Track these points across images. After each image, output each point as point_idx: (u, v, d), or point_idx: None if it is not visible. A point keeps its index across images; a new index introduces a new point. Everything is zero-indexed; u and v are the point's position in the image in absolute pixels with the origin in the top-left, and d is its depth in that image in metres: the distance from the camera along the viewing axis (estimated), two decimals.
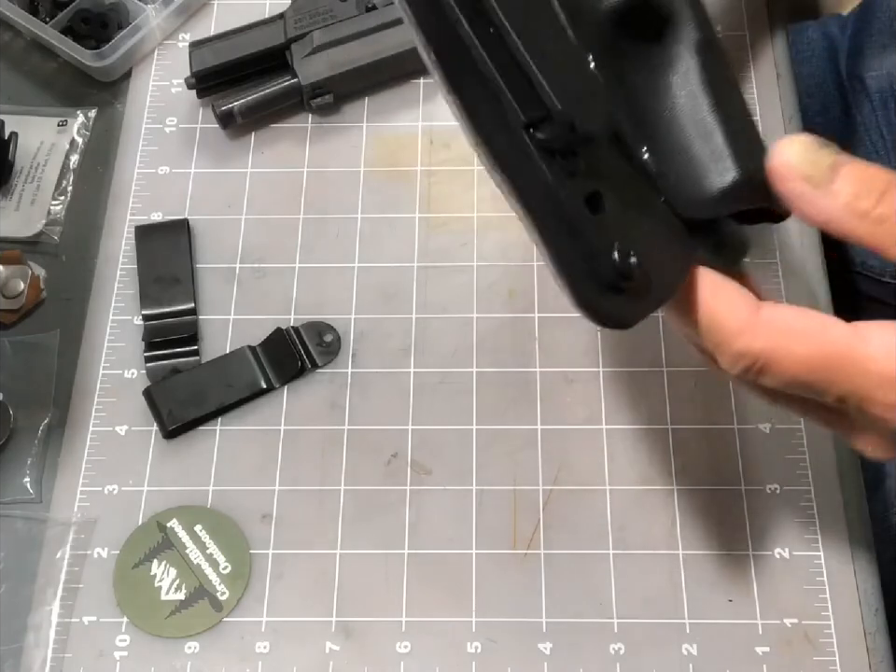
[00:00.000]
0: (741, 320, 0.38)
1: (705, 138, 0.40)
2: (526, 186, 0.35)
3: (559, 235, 0.34)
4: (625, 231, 0.36)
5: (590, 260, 0.35)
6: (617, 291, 0.35)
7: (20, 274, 0.60)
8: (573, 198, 0.35)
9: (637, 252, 0.35)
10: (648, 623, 0.51)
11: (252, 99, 0.64)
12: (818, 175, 0.37)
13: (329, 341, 0.58)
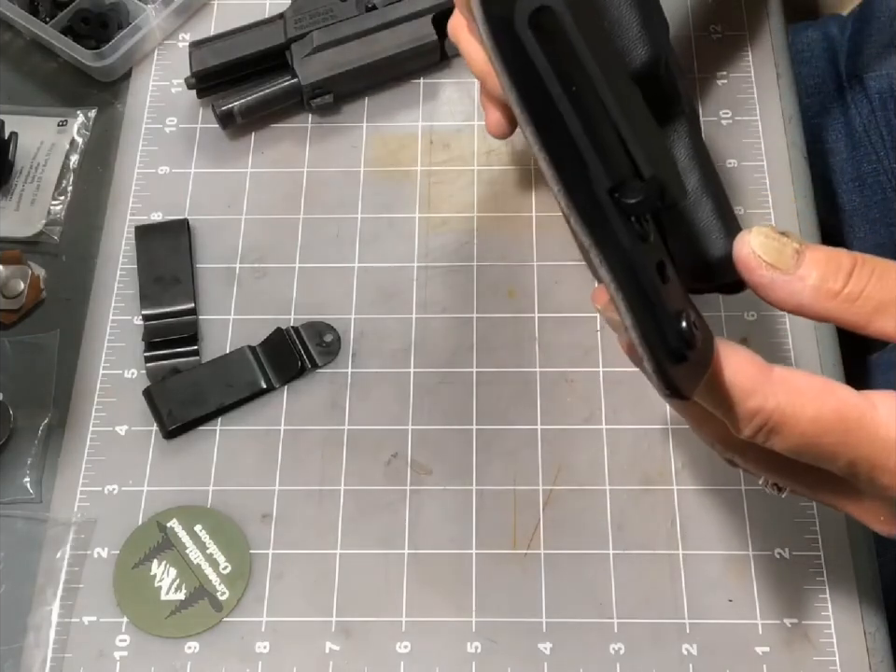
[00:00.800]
0: (754, 379, 0.38)
1: (697, 209, 0.40)
2: (611, 250, 0.34)
3: (639, 303, 0.34)
4: (684, 299, 0.36)
5: (662, 330, 0.34)
6: (683, 360, 0.35)
7: (20, 274, 0.60)
8: (648, 266, 0.35)
9: (698, 321, 0.36)
10: (648, 623, 0.51)
11: (252, 99, 0.64)
12: (783, 262, 0.38)
13: (329, 341, 0.58)
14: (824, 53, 0.81)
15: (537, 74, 0.34)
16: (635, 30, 0.39)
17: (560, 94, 0.34)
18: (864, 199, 0.78)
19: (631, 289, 0.33)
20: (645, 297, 0.34)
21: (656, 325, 0.34)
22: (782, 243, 0.38)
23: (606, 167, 0.34)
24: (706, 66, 0.66)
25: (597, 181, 0.34)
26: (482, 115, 0.65)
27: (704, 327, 0.36)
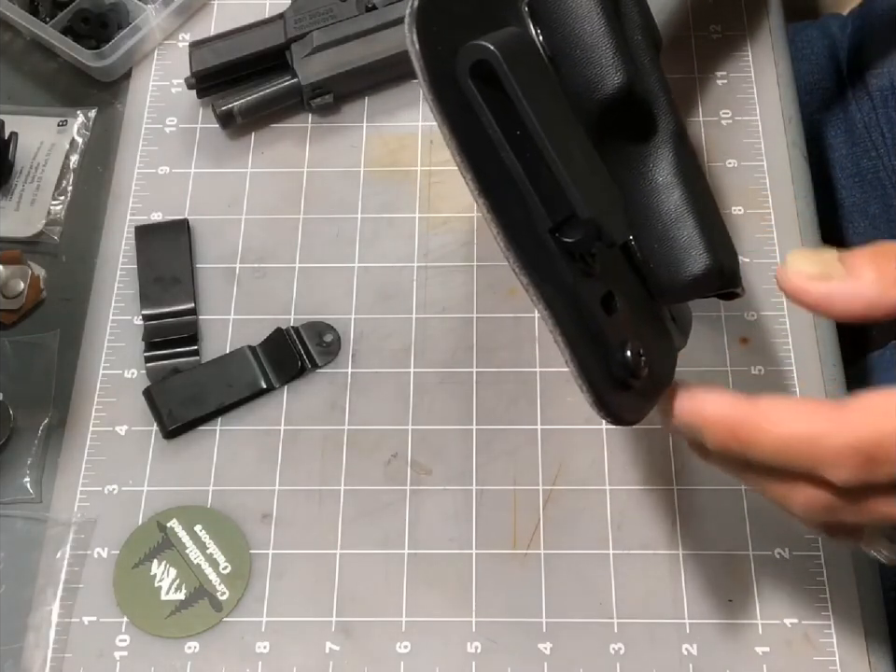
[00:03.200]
0: (824, 421, 0.36)
1: (679, 226, 0.40)
2: (549, 288, 0.35)
3: (578, 336, 0.35)
4: (633, 329, 0.37)
5: (605, 360, 0.36)
6: (627, 388, 0.36)
7: (20, 274, 0.60)
8: (591, 300, 0.36)
9: (643, 349, 0.36)
10: (648, 623, 0.51)
11: (252, 99, 0.64)
12: (833, 270, 0.37)
13: (329, 341, 0.58)
14: (825, 51, 0.81)
15: (477, 123, 0.35)
16: (608, 56, 0.40)
17: (501, 141, 0.35)
18: (864, 195, 0.78)
19: (568, 324, 0.35)
20: (584, 330, 0.35)
21: (595, 356, 0.35)
22: (821, 255, 0.37)
23: (547, 209, 0.35)
24: (706, 66, 0.66)
25: (538, 223, 0.35)
26: None
27: (656, 354, 0.37)
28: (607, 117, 0.41)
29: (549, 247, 0.36)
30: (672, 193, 0.41)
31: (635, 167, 0.42)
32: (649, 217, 0.41)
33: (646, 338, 0.38)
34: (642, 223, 0.41)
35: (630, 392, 0.36)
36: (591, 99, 0.40)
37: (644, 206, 0.41)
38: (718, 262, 0.40)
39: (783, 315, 0.58)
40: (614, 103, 0.40)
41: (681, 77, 0.66)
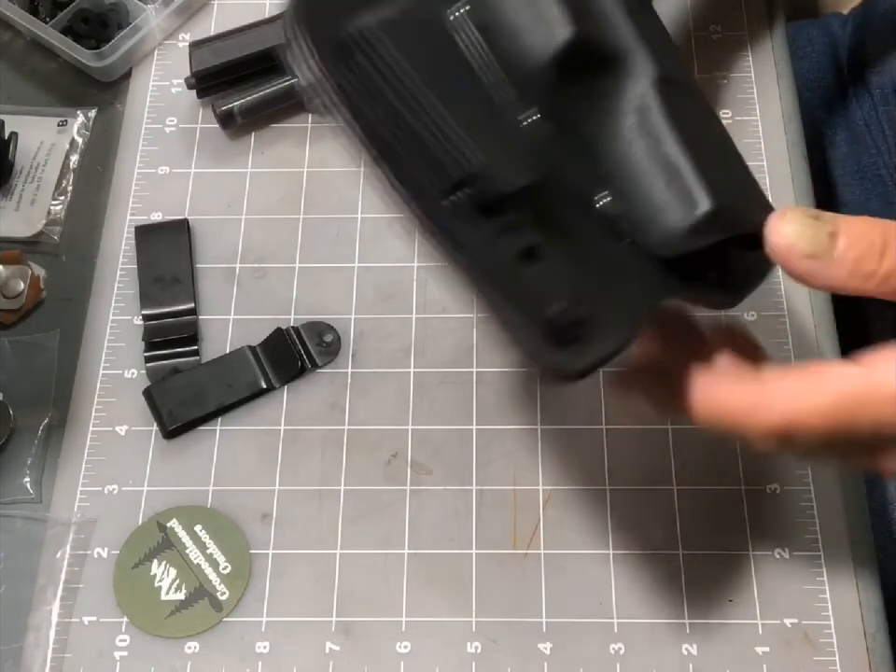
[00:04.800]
0: (749, 397, 0.38)
1: (670, 174, 0.39)
2: (459, 248, 0.35)
3: (496, 293, 0.35)
4: (568, 282, 0.36)
5: (529, 316, 0.35)
6: (560, 345, 0.35)
7: (20, 274, 0.60)
8: (506, 255, 0.35)
9: (580, 303, 0.35)
10: (648, 623, 0.51)
11: (252, 99, 0.64)
12: (820, 248, 0.38)
13: (329, 341, 0.58)
14: (825, 49, 0.81)
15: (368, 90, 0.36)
16: (548, 13, 0.39)
17: (395, 107, 0.36)
18: (865, 192, 0.78)
19: (481, 279, 0.34)
20: (503, 284, 0.34)
21: (519, 311, 0.34)
22: (817, 228, 0.38)
23: (448, 168, 0.35)
24: (706, 66, 0.66)
25: (442, 182, 0.35)
26: None
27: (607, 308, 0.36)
28: (565, 75, 0.40)
29: (455, 207, 0.35)
30: (657, 139, 0.40)
31: (611, 118, 0.41)
32: (631, 169, 0.40)
33: (591, 291, 0.37)
34: (624, 177, 0.40)
35: (566, 350, 0.35)
36: (541, 59, 0.39)
37: (624, 159, 0.40)
38: (718, 206, 0.39)
39: (783, 314, 0.58)
40: (565, 60, 0.39)
41: None
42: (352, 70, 0.36)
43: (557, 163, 0.39)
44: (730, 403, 0.39)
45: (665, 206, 0.39)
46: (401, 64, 0.36)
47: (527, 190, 0.36)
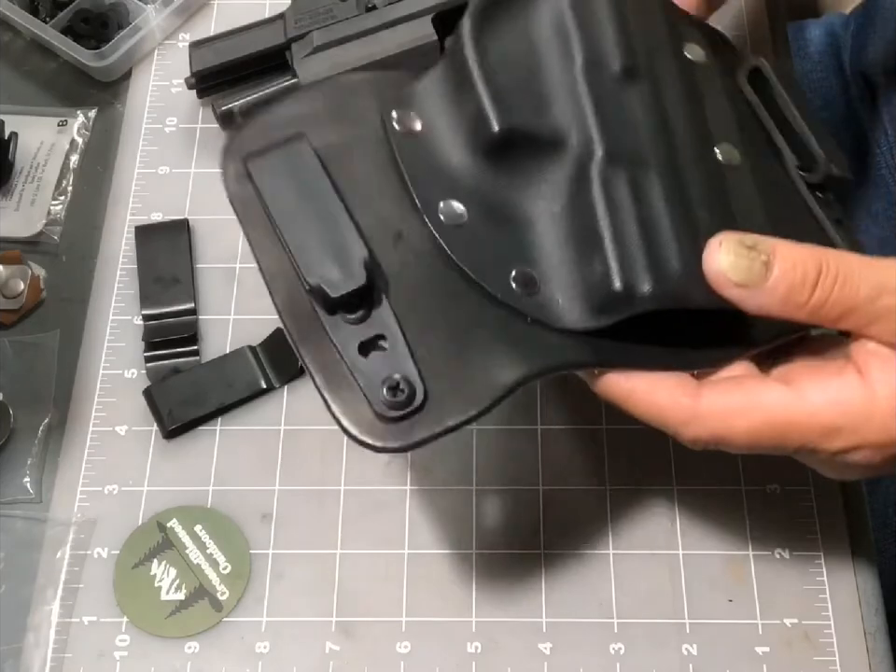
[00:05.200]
0: (685, 411, 0.41)
1: (591, 251, 0.43)
2: (308, 345, 0.42)
3: (330, 382, 0.41)
4: (404, 366, 0.40)
5: (364, 395, 0.40)
6: (391, 420, 0.40)
7: (20, 274, 0.60)
8: (349, 346, 0.41)
9: (413, 382, 0.40)
10: (648, 623, 0.51)
11: (252, 99, 0.64)
12: (752, 279, 0.40)
13: None
14: (828, 49, 0.81)
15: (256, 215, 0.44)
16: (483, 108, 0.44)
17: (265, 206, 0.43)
18: (867, 192, 0.78)
19: (320, 374, 0.41)
20: (336, 376, 0.41)
21: (349, 397, 0.41)
22: (751, 258, 0.40)
23: (307, 268, 0.41)
24: None
25: (304, 278, 0.41)
26: None
27: (449, 386, 0.40)
28: (497, 161, 0.45)
29: (311, 307, 0.42)
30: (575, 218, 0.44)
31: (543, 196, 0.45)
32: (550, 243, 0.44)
33: (438, 370, 0.41)
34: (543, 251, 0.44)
35: (396, 424, 0.40)
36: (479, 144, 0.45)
37: (546, 233, 0.44)
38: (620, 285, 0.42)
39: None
40: (499, 144, 0.44)
41: None
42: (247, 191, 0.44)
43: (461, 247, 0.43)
44: (666, 412, 0.42)
45: (581, 283, 0.43)
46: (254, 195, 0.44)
47: (359, 294, 0.41)
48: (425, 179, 0.44)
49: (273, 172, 0.43)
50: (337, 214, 0.42)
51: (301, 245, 0.41)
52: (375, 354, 0.41)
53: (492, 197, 0.45)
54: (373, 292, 0.42)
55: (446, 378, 0.41)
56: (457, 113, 0.45)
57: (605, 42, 0.46)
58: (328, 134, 0.44)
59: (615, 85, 0.46)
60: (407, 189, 0.44)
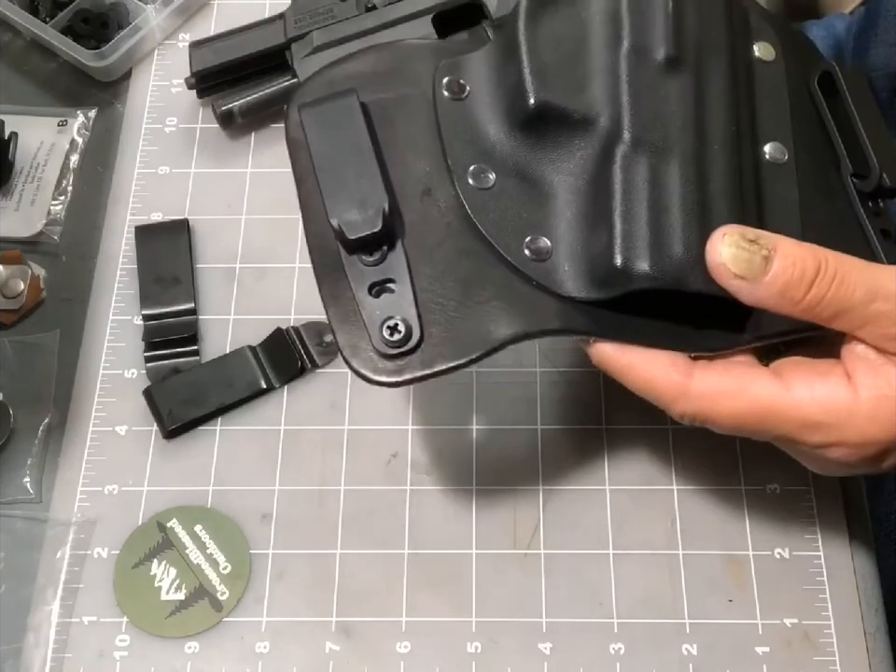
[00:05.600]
0: (675, 387, 0.43)
1: (603, 225, 0.45)
2: (326, 279, 0.45)
3: (340, 316, 0.45)
4: (406, 310, 0.44)
5: (366, 331, 0.44)
6: (386, 357, 0.44)
7: (20, 274, 0.60)
8: (359, 286, 0.45)
9: (411, 325, 0.43)
10: (648, 623, 0.51)
11: (252, 99, 0.64)
12: (751, 272, 0.41)
13: (330, 341, 0.58)
14: (829, 51, 0.81)
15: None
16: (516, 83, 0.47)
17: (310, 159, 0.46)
18: None
19: (332, 307, 0.45)
20: (346, 311, 0.45)
21: (354, 331, 0.44)
22: (751, 252, 0.41)
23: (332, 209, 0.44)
24: None
25: (328, 217, 0.44)
26: None
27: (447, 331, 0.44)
28: (531, 133, 0.47)
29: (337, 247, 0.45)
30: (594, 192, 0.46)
31: (567, 170, 0.47)
32: (569, 216, 0.46)
33: (437, 317, 0.44)
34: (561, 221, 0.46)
35: (397, 359, 0.43)
36: (516, 115, 0.47)
37: (566, 206, 0.46)
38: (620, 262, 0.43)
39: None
40: (530, 122, 0.47)
41: None
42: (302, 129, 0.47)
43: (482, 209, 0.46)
44: (658, 387, 0.44)
45: (587, 255, 0.45)
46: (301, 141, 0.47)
47: (375, 239, 0.44)
48: (460, 143, 0.47)
49: (319, 121, 0.46)
50: (369, 164, 0.45)
51: (332, 188, 0.45)
52: (384, 295, 0.45)
53: (521, 167, 0.47)
54: (391, 239, 0.45)
55: (444, 326, 0.44)
56: (501, 84, 0.48)
57: (654, 30, 0.47)
58: (380, 92, 0.48)
59: (656, 74, 0.47)
60: (443, 150, 0.47)
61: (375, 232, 0.44)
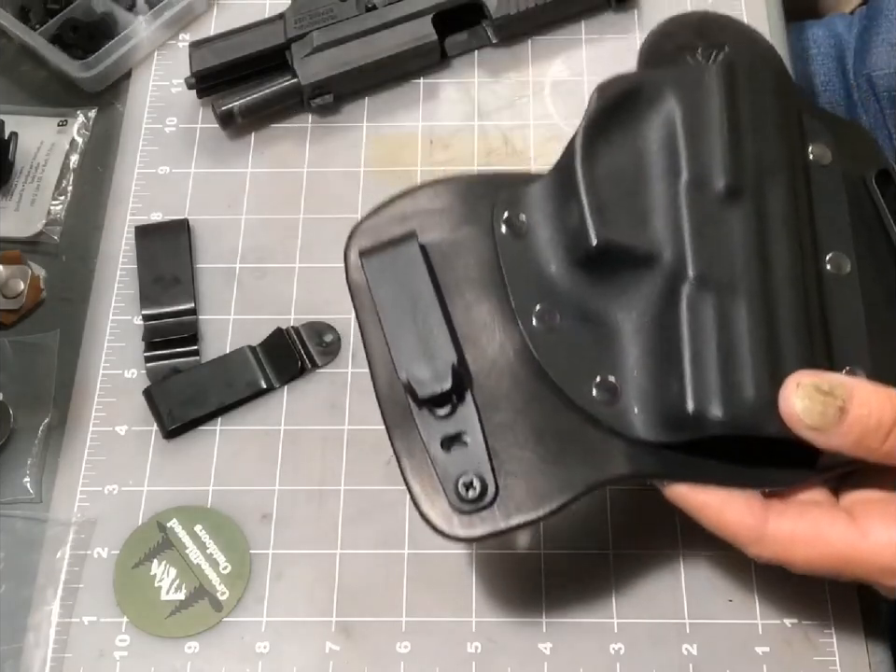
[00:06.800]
0: (751, 532, 0.43)
1: (672, 369, 0.44)
2: (398, 431, 0.45)
3: (413, 471, 0.44)
4: (477, 461, 0.44)
5: (441, 486, 0.44)
6: (462, 512, 0.43)
7: (20, 274, 0.60)
8: (431, 440, 0.44)
9: (486, 481, 0.43)
10: (648, 623, 0.51)
11: (252, 99, 0.64)
12: (825, 424, 0.40)
13: (330, 341, 0.58)
14: (831, 51, 0.80)
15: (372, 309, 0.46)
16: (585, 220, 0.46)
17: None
18: None
19: (405, 462, 0.44)
20: (422, 465, 0.44)
21: (428, 485, 0.44)
22: (825, 404, 0.40)
23: (400, 363, 0.44)
24: None
25: (397, 372, 0.45)
26: (482, 115, 0.65)
27: (521, 486, 0.44)
28: (595, 272, 0.46)
29: (407, 401, 0.45)
30: (662, 334, 0.45)
31: (633, 308, 0.46)
32: (636, 356, 0.45)
33: (509, 470, 0.44)
34: (630, 363, 0.45)
35: (472, 515, 0.43)
36: (579, 253, 0.46)
37: (633, 345, 0.46)
38: (693, 408, 0.43)
39: None
40: (596, 255, 0.45)
41: None
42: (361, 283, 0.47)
43: (548, 352, 0.46)
44: (733, 530, 0.43)
45: (658, 398, 0.44)
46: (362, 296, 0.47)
47: (445, 394, 0.44)
48: (522, 283, 0.47)
49: (382, 269, 0.46)
50: (434, 315, 0.45)
51: (398, 341, 0.45)
52: (455, 449, 0.44)
53: (585, 305, 0.46)
54: (460, 392, 0.45)
55: (519, 477, 0.44)
56: (561, 220, 0.47)
57: (712, 160, 0.46)
58: (440, 231, 0.48)
59: (717, 205, 0.46)
60: (506, 290, 0.47)
61: (445, 391, 0.44)
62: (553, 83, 0.66)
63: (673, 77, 0.48)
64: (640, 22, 0.68)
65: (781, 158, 0.47)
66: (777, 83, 0.49)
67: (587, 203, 0.45)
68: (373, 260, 0.46)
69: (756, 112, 0.47)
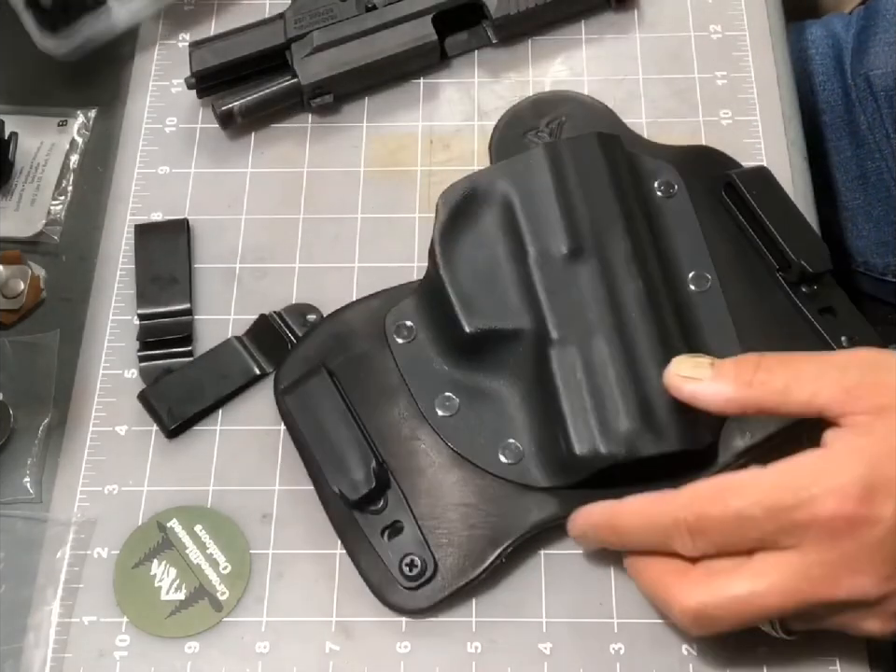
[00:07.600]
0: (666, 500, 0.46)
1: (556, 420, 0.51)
2: (346, 534, 0.52)
3: (365, 560, 0.51)
4: (421, 547, 0.51)
5: (389, 571, 0.51)
6: (410, 589, 0.50)
7: (20, 274, 0.60)
8: (372, 532, 0.51)
9: (425, 559, 0.50)
10: (648, 623, 0.51)
11: (252, 99, 0.64)
12: (700, 371, 0.46)
13: (313, 320, 0.58)
14: (829, 50, 0.80)
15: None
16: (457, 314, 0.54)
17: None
18: (868, 197, 0.78)
19: (355, 554, 0.52)
20: (369, 557, 0.51)
21: (380, 573, 0.51)
22: (697, 361, 0.47)
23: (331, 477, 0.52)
24: (706, 66, 0.66)
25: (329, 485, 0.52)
26: (482, 115, 0.65)
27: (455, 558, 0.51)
28: (477, 347, 0.53)
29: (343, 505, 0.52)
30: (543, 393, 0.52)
31: (511, 379, 0.53)
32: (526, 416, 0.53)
33: (443, 547, 0.51)
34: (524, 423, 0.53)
35: (418, 590, 0.50)
36: (459, 344, 0.53)
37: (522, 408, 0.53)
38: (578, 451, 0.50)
39: None
40: (473, 342, 0.53)
41: (682, 77, 0.66)
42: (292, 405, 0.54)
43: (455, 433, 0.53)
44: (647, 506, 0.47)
45: (551, 450, 0.51)
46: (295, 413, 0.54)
47: (373, 493, 0.51)
48: (421, 380, 0.54)
49: (299, 402, 0.54)
50: (351, 429, 0.52)
51: (324, 459, 0.52)
52: (394, 537, 0.51)
53: (477, 386, 0.53)
54: (384, 487, 0.52)
55: (453, 547, 0.51)
56: (439, 319, 0.54)
57: (551, 231, 0.53)
58: (345, 353, 0.55)
59: (564, 269, 0.52)
60: (409, 389, 0.54)
61: (371, 490, 0.51)
62: (553, 83, 0.66)
63: (502, 168, 0.55)
64: (640, 22, 0.68)
65: (616, 209, 0.53)
66: (603, 143, 0.55)
67: (455, 301, 0.53)
68: (291, 397, 0.54)
69: (583, 177, 0.53)
